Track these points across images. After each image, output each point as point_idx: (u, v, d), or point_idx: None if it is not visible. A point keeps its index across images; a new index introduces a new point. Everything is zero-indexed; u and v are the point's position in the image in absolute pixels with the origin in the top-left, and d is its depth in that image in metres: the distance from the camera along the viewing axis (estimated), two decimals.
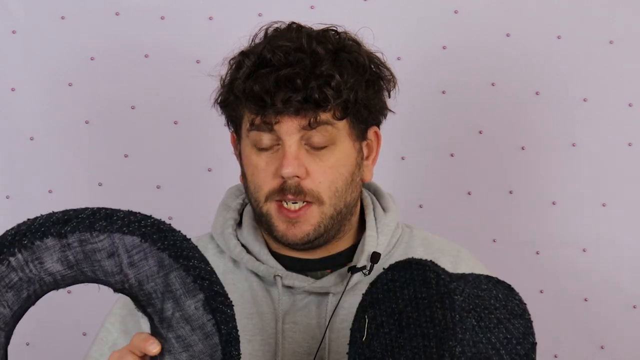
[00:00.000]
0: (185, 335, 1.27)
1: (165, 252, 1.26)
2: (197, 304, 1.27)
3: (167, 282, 1.27)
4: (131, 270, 1.26)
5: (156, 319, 1.28)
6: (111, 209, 1.27)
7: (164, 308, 1.27)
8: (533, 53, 2.11)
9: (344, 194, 1.52)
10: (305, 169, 1.48)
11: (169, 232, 1.27)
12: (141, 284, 1.26)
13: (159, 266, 1.26)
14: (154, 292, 1.27)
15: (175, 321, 1.27)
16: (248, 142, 1.51)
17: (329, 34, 1.52)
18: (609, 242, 2.12)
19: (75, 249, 1.25)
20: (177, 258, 1.26)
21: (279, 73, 1.45)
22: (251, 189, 1.52)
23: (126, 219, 1.26)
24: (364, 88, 1.50)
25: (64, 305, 2.12)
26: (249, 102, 1.48)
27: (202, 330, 1.27)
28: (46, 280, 1.26)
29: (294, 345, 1.52)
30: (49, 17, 2.10)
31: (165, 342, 1.28)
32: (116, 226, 1.25)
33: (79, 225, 1.25)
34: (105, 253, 1.25)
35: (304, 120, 1.47)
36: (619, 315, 2.13)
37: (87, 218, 1.25)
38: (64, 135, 2.12)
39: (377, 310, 1.32)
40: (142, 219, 1.27)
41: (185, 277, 1.27)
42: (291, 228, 1.51)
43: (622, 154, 2.12)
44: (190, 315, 1.27)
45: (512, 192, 2.14)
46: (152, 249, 1.26)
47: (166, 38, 2.11)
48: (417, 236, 1.62)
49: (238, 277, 1.58)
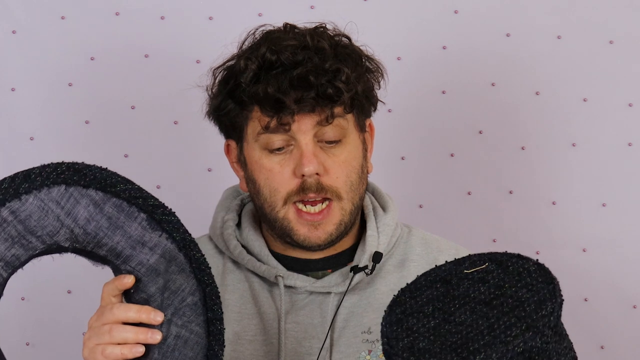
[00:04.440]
0: (146, 258, 1.30)
1: (90, 188, 1.28)
2: (142, 224, 1.29)
3: (107, 216, 1.29)
4: (70, 219, 1.27)
5: (114, 258, 1.29)
6: (26, 170, 1.28)
7: (115, 242, 1.29)
8: (533, 53, 2.11)
9: (358, 187, 1.53)
10: (323, 165, 1.49)
11: (85, 169, 1.29)
12: (85, 229, 1.28)
13: (93, 204, 1.28)
14: (99, 231, 1.28)
15: (131, 249, 1.29)
16: (257, 146, 1.51)
17: (322, 30, 1.53)
18: (609, 242, 2.12)
19: (12, 222, 1.26)
20: (104, 189, 1.29)
21: (291, 73, 1.46)
22: (265, 194, 1.52)
23: (43, 172, 1.27)
24: (365, 80, 1.52)
25: (64, 305, 2.12)
26: (264, 105, 1.47)
27: (158, 246, 1.30)
28: (1, 266, 1.26)
29: (296, 345, 1.52)
30: (49, 17, 2.09)
31: (133, 273, 1.30)
32: (37, 183, 1.27)
33: (5, 196, 1.26)
34: (39, 213, 1.26)
35: (318, 117, 1.47)
36: (619, 315, 2.13)
37: (9, 186, 1.26)
38: (64, 135, 2.12)
39: (497, 271, 1.28)
40: (56, 166, 1.28)
41: (119, 203, 1.29)
42: (314, 231, 1.51)
43: (622, 154, 2.12)
44: (140, 237, 1.29)
45: (512, 192, 2.14)
46: (78, 190, 1.28)
47: (166, 38, 2.11)
48: (416, 236, 1.62)
49: (238, 278, 1.58)
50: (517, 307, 1.22)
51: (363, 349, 1.52)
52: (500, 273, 1.28)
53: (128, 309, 1.30)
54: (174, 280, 1.30)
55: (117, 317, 1.30)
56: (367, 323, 1.53)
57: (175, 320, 1.30)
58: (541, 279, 1.25)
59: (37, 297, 2.11)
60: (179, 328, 1.30)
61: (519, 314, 1.21)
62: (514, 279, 1.26)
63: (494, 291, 1.25)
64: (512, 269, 1.27)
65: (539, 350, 1.19)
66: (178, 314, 1.31)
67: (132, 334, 1.30)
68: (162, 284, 1.30)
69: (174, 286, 1.30)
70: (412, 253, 1.59)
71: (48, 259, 2.05)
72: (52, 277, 2.11)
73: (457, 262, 1.32)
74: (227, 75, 1.53)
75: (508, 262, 1.29)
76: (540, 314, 1.20)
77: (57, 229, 1.27)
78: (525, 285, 1.25)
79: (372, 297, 1.54)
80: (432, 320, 1.25)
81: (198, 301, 1.31)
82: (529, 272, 1.26)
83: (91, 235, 1.28)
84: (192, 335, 1.31)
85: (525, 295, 1.23)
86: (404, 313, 1.26)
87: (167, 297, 1.30)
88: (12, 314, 2.10)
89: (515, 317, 1.20)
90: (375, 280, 1.56)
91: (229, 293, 1.56)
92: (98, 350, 1.31)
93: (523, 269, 1.27)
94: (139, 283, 1.30)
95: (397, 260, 1.58)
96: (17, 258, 1.27)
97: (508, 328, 1.20)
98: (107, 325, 1.30)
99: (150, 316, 1.30)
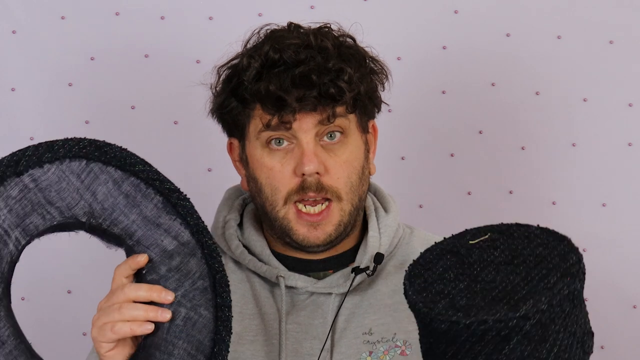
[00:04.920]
0: (160, 239, 1.31)
1: (110, 165, 1.30)
2: (157, 205, 1.31)
3: (125, 193, 1.30)
4: (89, 193, 1.29)
5: (127, 238, 1.31)
6: (50, 140, 1.31)
7: (130, 221, 1.30)
8: (533, 53, 2.11)
9: (358, 187, 1.53)
10: (323, 164, 1.49)
11: (107, 147, 1.32)
12: (103, 204, 1.30)
13: (112, 181, 1.30)
14: (116, 208, 1.30)
15: (146, 228, 1.30)
16: (258, 144, 1.51)
17: (326, 30, 1.53)
18: (609, 242, 2.12)
19: (33, 190, 1.28)
20: (123, 167, 1.31)
21: (294, 71, 1.46)
22: (266, 192, 1.52)
23: (66, 145, 1.30)
24: (368, 80, 1.52)
25: (64, 305, 2.12)
26: (266, 103, 1.47)
27: (172, 229, 1.31)
28: (20, 234, 1.28)
29: (297, 346, 1.52)
30: (49, 17, 2.09)
31: (146, 253, 1.32)
32: (60, 154, 1.29)
33: (29, 162, 1.28)
34: (59, 184, 1.28)
35: (319, 116, 1.48)
36: (619, 315, 2.13)
37: (33, 154, 1.29)
38: (64, 135, 2.09)
39: (503, 238, 1.27)
40: (79, 141, 1.31)
41: (137, 182, 1.31)
42: (313, 231, 1.51)
43: (622, 154, 2.12)
44: (155, 218, 1.31)
45: (512, 192, 2.14)
46: (98, 166, 1.30)
47: (166, 38, 2.11)
48: (417, 236, 1.62)
49: (240, 278, 1.58)
50: (542, 262, 1.20)
51: (364, 349, 1.52)
52: (507, 239, 1.26)
53: (139, 288, 1.32)
54: (186, 263, 1.32)
55: (127, 295, 1.31)
56: (368, 324, 1.53)
57: (184, 302, 1.32)
58: (552, 238, 1.24)
59: (37, 297, 2.10)
60: (187, 310, 1.31)
61: (546, 266, 1.19)
62: (524, 242, 1.25)
63: (509, 254, 1.24)
64: (517, 235, 1.26)
65: (579, 294, 1.18)
66: (188, 297, 1.32)
67: (142, 311, 1.31)
68: (174, 266, 1.32)
69: (185, 269, 1.32)
70: (414, 254, 1.58)
71: (48, 259, 2.07)
72: (52, 277, 2.11)
73: (457, 236, 1.30)
74: (230, 74, 1.53)
75: (511, 230, 1.28)
76: (570, 263, 1.18)
77: (76, 201, 1.29)
78: (539, 244, 1.23)
79: (374, 298, 1.54)
80: (460, 282, 1.22)
81: (208, 286, 1.33)
82: (536, 234, 1.25)
83: (108, 212, 1.30)
84: (200, 318, 1.32)
85: (543, 252, 1.22)
86: (426, 282, 1.24)
87: (178, 279, 1.32)
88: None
89: (546, 269, 1.19)
90: (376, 281, 1.56)
91: (231, 293, 1.56)
92: (107, 328, 1.31)
93: (528, 232, 1.26)
94: (151, 263, 1.31)
95: (398, 261, 1.58)
96: (36, 227, 1.29)
97: (544, 277, 1.18)
98: (117, 304, 1.31)
99: (162, 295, 1.31)
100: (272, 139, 1.50)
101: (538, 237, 1.25)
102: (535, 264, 1.21)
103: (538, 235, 1.25)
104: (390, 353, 1.52)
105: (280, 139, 1.49)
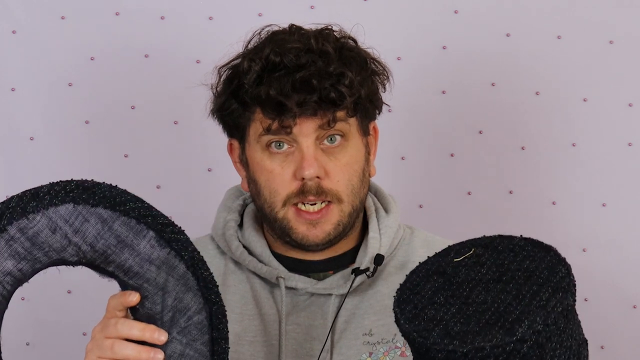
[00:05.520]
0: (154, 276, 1.29)
1: (99, 206, 1.27)
2: (150, 242, 1.29)
3: (115, 234, 1.28)
4: (78, 237, 1.27)
5: (121, 274, 1.29)
6: (34, 188, 1.28)
7: (123, 259, 1.28)
8: (533, 53, 2.11)
9: (359, 190, 1.52)
10: (324, 168, 1.49)
11: (95, 187, 1.29)
12: (93, 246, 1.27)
13: (101, 222, 1.28)
14: (107, 249, 1.28)
15: (139, 267, 1.28)
16: (258, 147, 1.51)
17: (328, 32, 1.53)
18: (609, 242, 2.12)
19: (20, 240, 1.25)
20: (113, 207, 1.28)
21: (294, 75, 1.45)
22: (265, 195, 1.52)
23: (52, 190, 1.27)
24: (369, 83, 1.51)
25: (64, 305, 2.12)
26: (266, 108, 1.47)
27: (166, 264, 1.29)
28: (7, 281, 1.26)
29: (297, 347, 1.52)
30: (49, 17, 2.09)
31: (140, 290, 1.29)
32: (46, 201, 1.26)
33: (12, 215, 1.25)
34: (47, 231, 1.26)
35: (320, 120, 1.47)
36: (619, 315, 2.13)
37: (17, 205, 1.25)
38: (64, 135, 2.12)
39: (488, 253, 1.25)
40: (65, 185, 1.28)
41: (128, 221, 1.28)
42: (312, 229, 1.51)
43: (622, 154, 2.12)
44: (149, 255, 1.28)
45: (512, 192, 2.14)
46: (87, 208, 1.27)
47: (166, 38, 2.11)
48: (418, 237, 1.62)
49: (240, 278, 1.57)
50: (531, 277, 1.19)
51: (364, 350, 1.52)
52: (493, 254, 1.25)
53: (132, 327, 1.29)
54: (181, 299, 1.29)
55: (120, 333, 1.29)
56: (368, 325, 1.53)
57: (179, 338, 1.29)
58: (537, 249, 1.23)
59: (37, 297, 2.10)
60: (183, 346, 1.29)
61: (536, 281, 1.18)
62: (510, 255, 1.23)
63: (497, 270, 1.22)
64: (502, 248, 1.25)
65: (572, 308, 1.17)
66: (183, 332, 1.29)
67: (134, 352, 1.28)
68: (169, 302, 1.29)
69: (180, 305, 1.29)
70: (414, 255, 1.59)
71: None
72: (52, 277, 2.09)
73: (440, 254, 1.29)
74: (231, 75, 1.53)
75: (494, 243, 1.26)
76: (560, 276, 1.17)
77: (64, 246, 1.27)
78: (525, 257, 1.22)
79: (374, 299, 1.54)
80: (451, 306, 1.20)
81: (204, 320, 1.30)
82: (521, 246, 1.24)
83: (99, 252, 1.28)
84: (196, 354, 1.30)
85: (531, 265, 1.20)
86: (417, 308, 1.22)
87: (173, 316, 1.29)
88: (12, 314, 2.08)
89: (536, 285, 1.17)
90: (376, 282, 1.56)
91: (230, 294, 1.56)
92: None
93: (513, 244, 1.25)
94: (145, 300, 1.29)
95: (399, 262, 1.58)
96: (24, 273, 1.27)
97: (536, 294, 1.16)
98: (110, 340, 1.29)
99: (154, 336, 1.28)
100: (272, 142, 1.50)
101: (523, 249, 1.24)
102: (525, 280, 1.19)
103: (523, 247, 1.24)
104: (390, 354, 1.52)
105: (281, 142, 1.49)
